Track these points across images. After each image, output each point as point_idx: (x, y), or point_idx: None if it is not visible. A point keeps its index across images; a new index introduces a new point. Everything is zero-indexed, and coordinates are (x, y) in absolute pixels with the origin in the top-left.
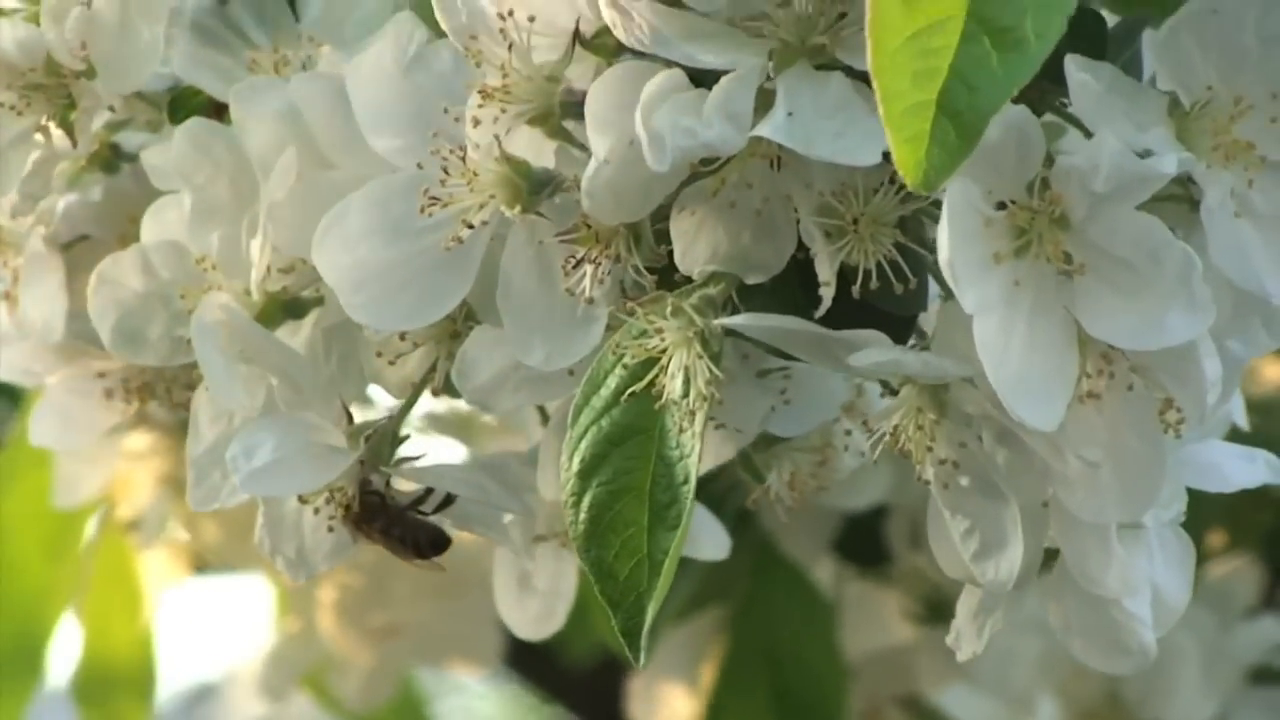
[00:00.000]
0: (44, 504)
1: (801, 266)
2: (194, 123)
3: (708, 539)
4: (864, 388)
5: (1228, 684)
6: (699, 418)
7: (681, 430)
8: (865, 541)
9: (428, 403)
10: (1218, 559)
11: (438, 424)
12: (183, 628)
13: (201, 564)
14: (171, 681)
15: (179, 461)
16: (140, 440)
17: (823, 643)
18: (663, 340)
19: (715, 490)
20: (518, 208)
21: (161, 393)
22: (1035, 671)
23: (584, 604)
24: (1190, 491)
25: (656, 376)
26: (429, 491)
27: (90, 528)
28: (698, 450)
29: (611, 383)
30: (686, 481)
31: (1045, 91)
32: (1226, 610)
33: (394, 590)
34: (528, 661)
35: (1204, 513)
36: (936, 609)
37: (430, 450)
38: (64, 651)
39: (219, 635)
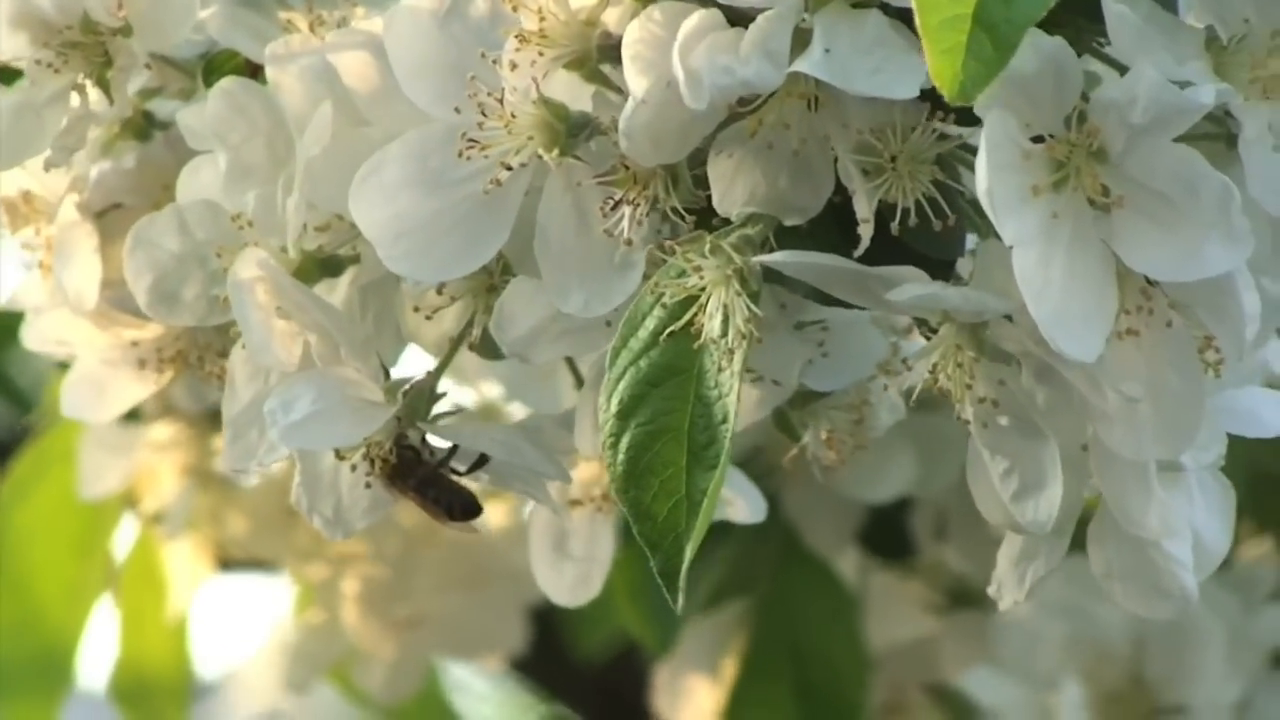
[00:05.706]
0: (70, 504)
1: (838, 210)
2: (229, 82)
3: (745, 502)
4: (899, 346)
5: (1252, 668)
6: (738, 357)
7: (720, 370)
8: (889, 534)
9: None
10: (1242, 544)
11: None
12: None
13: (226, 559)
14: None
15: (203, 453)
16: (164, 431)
17: (846, 636)
18: (701, 279)
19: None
20: (556, 150)
21: (194, 361)
22: (1060, 654)
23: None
24: None
25: (695, 316)
26: (456, 446)
27: (118, 527)
28: (737, 390)
29: (650, 323)
30: (725, 421)
31: (1081, 30)
32: (1250, 594)
33: (417, 582)
34: (538, 661)
35: None
36: (960, 601)
37: None
38: (98, 653)
39: (220, 635)
